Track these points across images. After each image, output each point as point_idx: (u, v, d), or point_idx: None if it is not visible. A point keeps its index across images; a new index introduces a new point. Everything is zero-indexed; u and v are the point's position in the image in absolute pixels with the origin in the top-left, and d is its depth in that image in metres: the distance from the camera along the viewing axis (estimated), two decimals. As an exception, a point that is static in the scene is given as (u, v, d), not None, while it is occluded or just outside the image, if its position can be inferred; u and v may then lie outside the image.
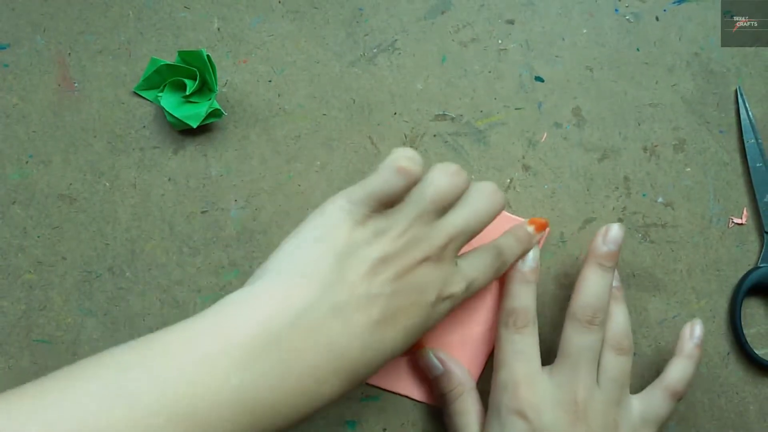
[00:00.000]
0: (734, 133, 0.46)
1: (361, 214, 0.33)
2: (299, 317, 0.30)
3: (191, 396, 0.27)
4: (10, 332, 0.43)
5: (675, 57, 0.47)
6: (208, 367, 0.28)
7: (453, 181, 0.35)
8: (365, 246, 0.32)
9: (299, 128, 0.46)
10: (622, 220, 0.45)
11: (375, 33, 0.47)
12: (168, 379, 0.27)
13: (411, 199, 0.34)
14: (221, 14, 0.46)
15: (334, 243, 0.32)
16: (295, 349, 0.29)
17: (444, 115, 0.46)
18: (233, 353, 0.28)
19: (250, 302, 0.30)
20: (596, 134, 0.46)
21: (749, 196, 0.46)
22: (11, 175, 0.45)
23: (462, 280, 0.35)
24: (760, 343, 0.44)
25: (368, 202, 0.33)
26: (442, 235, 0.34)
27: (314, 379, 0.29)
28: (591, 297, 0.38)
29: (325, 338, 0.30)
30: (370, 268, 0.32)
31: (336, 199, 0.34)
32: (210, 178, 0.45)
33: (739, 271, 0.45)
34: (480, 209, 0.36)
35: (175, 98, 0.45)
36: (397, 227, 0.33)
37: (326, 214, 0.33)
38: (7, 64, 0.46)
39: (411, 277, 0.33)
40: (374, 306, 0.31)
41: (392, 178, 0.33)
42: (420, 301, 0.33)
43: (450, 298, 0.35)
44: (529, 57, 0.47)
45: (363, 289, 0.31)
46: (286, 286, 0.31)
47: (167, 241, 0.44)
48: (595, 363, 0.38)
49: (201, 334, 0.29)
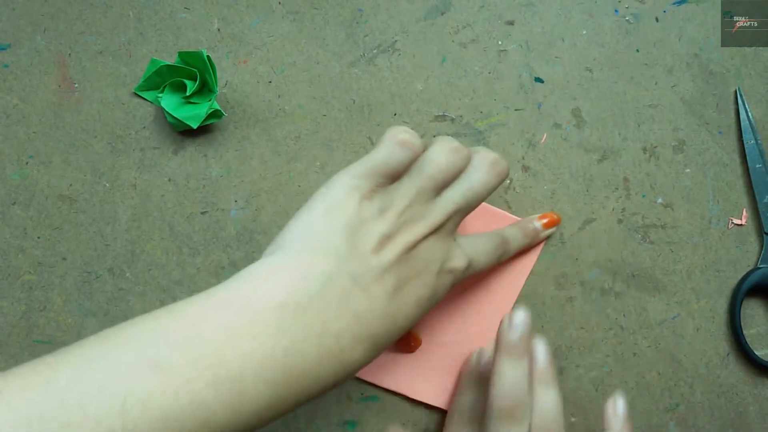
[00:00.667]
0: (734, 133, 0.46)
1: (366, 189, 0.34)
2: (323, 285, 0.30)
3: (230, 360, 0.27)
4: (10, 333, 0.43)
5: (675, 58, 0.47)
6: (245, 331, 0.28)
7: (451, 159, 0.35)
8: (372, 221, 0.33)
9: (299, 129, 0.46)
10: (622, 221, 0.45)
11: (375, 34, 0.47)
12: (207, 341, 0.28)
13: (411, 175, 0.35)
14: (221, 15, 0.46)
15: (344, 217, 0.32)
16: (322, 317, 0.30)
17: (444, 116, 0.46)
18: (267, 319, 0.29)
19: (276, 272, 0.31)
20: (596, 135, 0.46)
21: (749, 197, 0.46)
22: (11, 175, 0.45)
23: (463, 256, 0.36)
24: (759, 343, 0.44)
25: (373, 177, 0.34)
26: (441, 213, 0.35)
27: (340, 347, 0.30)
28: (507, 390, 0.35)
29: (349, 306, 0.31)
30: (378, 243, 0.32)
31: (340, 176, 0.34)
32: (210, 178, 0.45)
33: (738, 271, 0.45)
34: (478, 185, 0.36)
35: (175, 99, 0.45)
36: (398, 205, 0.34)
37: (333, 189, 0.34)
38: (7, 64, 0.46)
39: (416, 251, 0.33)
40: (388, 277, 0.32)
41: (395, 150, 0.34)
42: (426, 273, 0.34)
43: (452, 272, 0.35)
44: (528, 58, 0.47)
45: (375, 261, 0.32)
46: (304, 257, 0.31)
47: (167, 242, 0.44)
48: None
49: (230, 302, 0.29)
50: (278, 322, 0.29)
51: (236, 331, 0.28)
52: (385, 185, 0.34)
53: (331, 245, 0.32)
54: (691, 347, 0.44)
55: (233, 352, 0.28)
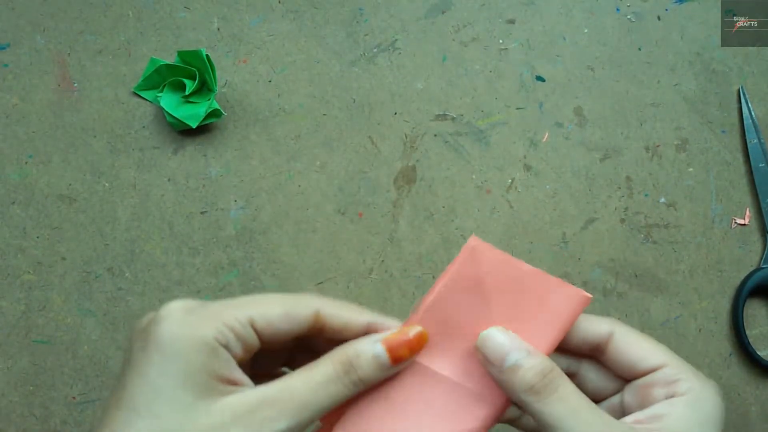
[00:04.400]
0: (737, 133, 0.46)
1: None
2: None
3: None
4: (9, 332, 0.43)
5: (677, 56, 0.46)
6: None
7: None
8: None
9: (299, 128, 0.45)
10: (624, 221, 0.45)
11: (375, 33, 0.46)
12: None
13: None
14: (221, 14, 0.46)
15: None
16: None
17: (445, 115, 0.46)
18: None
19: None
20: (598, 134, 0.46)
21: (752, 197, 0.45)
22: (11, 175, 0.45)
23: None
24: (762, 344, 0.44)
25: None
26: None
27: None
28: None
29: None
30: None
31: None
32: (210, 178, 0.45)
33: (741, 272, 0.45)
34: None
35: (174, 98, 0.44)
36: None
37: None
38: (7, 64, 0.45)
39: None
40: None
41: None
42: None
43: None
44: (530, 56, 0.46)
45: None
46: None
47: (167, 242, 0.44)
48: None
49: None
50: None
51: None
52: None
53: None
54: (693, 348, 0.44)
55: None
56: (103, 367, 0.43)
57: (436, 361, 0.31)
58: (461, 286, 0.31)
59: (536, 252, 0.44)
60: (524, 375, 0.28)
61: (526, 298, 0.31)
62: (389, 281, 0.44)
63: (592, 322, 0.31)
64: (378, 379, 0.30)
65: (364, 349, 0.29)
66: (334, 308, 0.30)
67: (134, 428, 0.26)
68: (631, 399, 0.30)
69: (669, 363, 0.29)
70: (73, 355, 0.43)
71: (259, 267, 0.44)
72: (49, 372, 0.43)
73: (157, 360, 0.27)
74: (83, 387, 0.43)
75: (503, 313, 0.31)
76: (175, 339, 0.27)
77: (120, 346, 0.43)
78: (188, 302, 0.29)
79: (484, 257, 0.31)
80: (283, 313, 0.29)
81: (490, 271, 0.31)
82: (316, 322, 0.29)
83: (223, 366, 0.28)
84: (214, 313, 0.28)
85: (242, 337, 0.28)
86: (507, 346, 0.29)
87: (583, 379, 0.32)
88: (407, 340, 0.30)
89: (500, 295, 0.31)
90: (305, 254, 0.44)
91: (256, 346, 0.29)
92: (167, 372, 0.27)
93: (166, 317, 0.28)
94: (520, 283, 0.31)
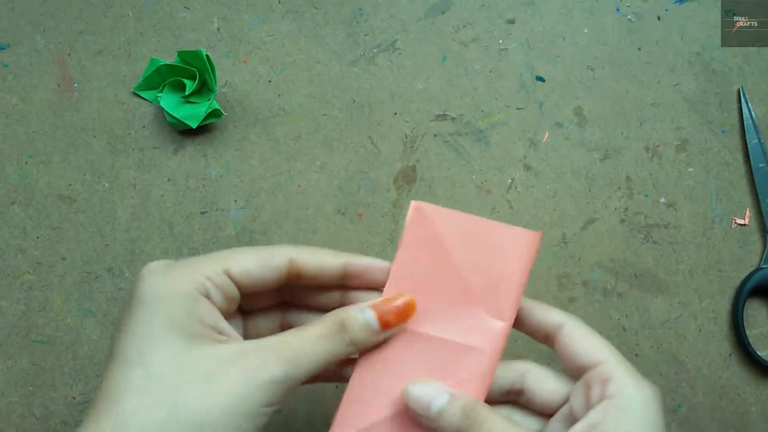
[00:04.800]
0: (737, 133, 0.46)
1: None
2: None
3: None
4: (9, 333, 0.43)
5: (677, 56, 0.46)
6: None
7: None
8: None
9: (299, 128, 0.45)
10: (624, 221, 0.45)
11: (375, 33, 0.46)
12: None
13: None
14: (221, 14, 0.46)
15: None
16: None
17: (444, 115, 0.46)
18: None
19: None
20: (598, 134, 0.46)
21: (752, 197, 0.45)
22: (11, 175, 0.45)
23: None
24: (762, 344, 0.44)
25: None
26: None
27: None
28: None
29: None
30: None
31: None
32: (210, 178, 0.45)
33: (741, 272, 0.45)
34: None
35: (174, 98, 0.44)
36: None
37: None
38: (7, 64, 0.46)
39: None
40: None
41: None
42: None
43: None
44: (530, 56, 0.46)
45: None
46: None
47: (167, 242, 0.44)
48: None
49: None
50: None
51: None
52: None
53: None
54: (693, 348, 0.44)
55: None
56: (103, 367, 0.43)
57: (421, 323, 0.32)
58: (419, 247, 0.32)
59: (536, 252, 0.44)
60: (451, 419, 0.29)
61: (483, 247, 0.32)
62: (389, 281, 0.44)
63: (544, 310, 0.32)
64: (369, 342, 0.30)
65: (355, 314, 0.30)
66: (308, 253, 0.31)
67: (126, 378, 0.26)
68: (576, 403, 0.30)
69: (606, 360, 0.29)
70: (73, 355, 0.43)
71: (259, 267, 0.44)
72: (49, 372, 0.43)
73: (141, 312, 0.27)
74: (83, 387, 0.43)
75: (464, 264, 0.32)
76: (157, 291, 0.28)
77: (120, 346, 0.43)
78: (167, 261, 0.29)
79: (432, 216, 0.32)
80: (258, 262, 0.30)
81: (442, 228, 0.32)
82: (291, 268, 0.30)
83: (208, 315, 0.28)
84: (192, 267, 0.29)
85: (221, 286, 0.29)
86: (429, 394, 0.30)
87: (530, 392, 0.32)
88: (395, 307, 0.31)
89: (458, 247, 0.32)
90: (305, 254, 0.44)
91: (236, 295, 0.30)
92: (152, 321, 0.27)
93: (146, 275, 0.28)
94: (473, 234, 0.32)
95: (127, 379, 0.26)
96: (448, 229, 0.32)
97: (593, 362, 0.30)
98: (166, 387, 0.26)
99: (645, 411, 0.28)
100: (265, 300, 0.33)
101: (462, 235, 0.32)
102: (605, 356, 0.29)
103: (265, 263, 0.30)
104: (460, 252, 0.32)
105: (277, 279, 0.30)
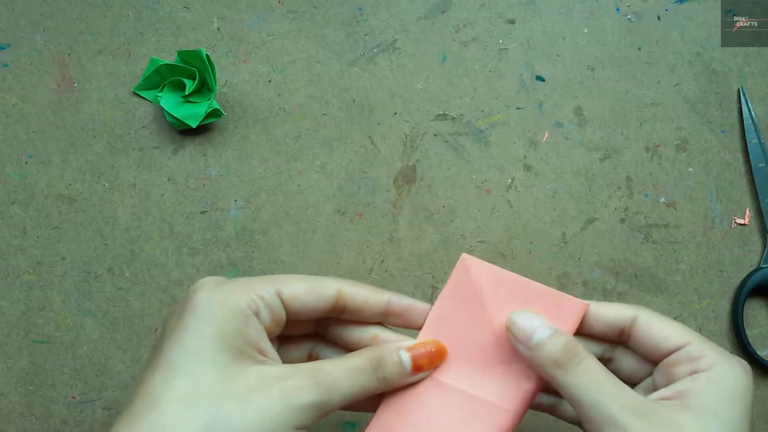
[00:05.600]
0: (737, 132, 0.46)
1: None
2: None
3: None
4: (9, 332, 0.43)
5: (677, 56, 0.46)
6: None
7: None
8: None
9: (299, 128, 0.45)
10: (624, 221, 0.45)
11: (375, 32, 0.46)
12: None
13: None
14: (221, 14, 0.46)
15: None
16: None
17: (444, 115, 0.46)
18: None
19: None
20: (598, 134, 0.46)
21: (752, 197, 0.45)
22: (11, 175, 0.45)
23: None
24: (762, 344, 0.44)
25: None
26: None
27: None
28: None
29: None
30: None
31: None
32: (210, 178, 0.45)
33: (741, 271, 0.45)
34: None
35: (174, 98, 0.44)
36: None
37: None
38: (7, 64, 0.46)
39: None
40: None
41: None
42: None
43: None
44: (530, 56, 0.46)
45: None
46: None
47: (167, 242, 0.44)
48: None
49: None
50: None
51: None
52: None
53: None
54: (693, 348, 0.44)
55: None
56: (102, 367, 0.43)
57: (448, 374, 0.32)
58: (459, 299, 0.32)
59: (536, 252, 0.45)
60: (549, 350, 0.29)
61: (526, 308, 0.32)
62: (389, 281, 0.44)
63: (612, 307, 0.32)
64: (399, 383, 0.31)
65: (391, 353, 0.31)
66: (355, 287, 0.32)
67: (171, 386, 0.27)
68: (659, 379, 0.31)
69: (692, 341, 0.30)
70: (73, 355, 0.43)
71: (259, 267, 0.44)
72: (49, 372, 0.43)
73: (193, 324, 0.28)
74: (83, 387, 0.43)
75: (502, 322, 0.32)
76: (211, 305, 0.28)
77: (120, 347, 0.43)
78: (220, 277, 0.30)
79: (477, 271, 0.32)
80: (309, 289, 0.30)
81: (486, 284, 0.32)
82: (338, 299, 0.31)
83: (255, 333, 0.29)
84: (245, 284, 0.29)
85: (271, 306, 0.29)
86: (533, 325, 0.30)
87: (618, 364, 0.33)
88: (428, 352, 0.32)
89: (499, 304, 0.32)
90: (305, 254, 0.44)
91: (283, 318, 0.30)
92: (203, 334, 0.28)
93: (200, 288, 0.29)
94: (516, 294, 0.32)
95: (169, 386, 0.27)
96: (492, 285, 0.32)
97: (678, 345, 0.30)
98: (208, 400, 0.27)
99: (737, 385, 0.29)
100: (302, 328, 0.33)
101: (504, 294, 0.32)
102: (690, 338, 0.30)
103: (315, 291, 0.31)
104: (500, 309, 0.32)
105: (324, 308, 0.31)
